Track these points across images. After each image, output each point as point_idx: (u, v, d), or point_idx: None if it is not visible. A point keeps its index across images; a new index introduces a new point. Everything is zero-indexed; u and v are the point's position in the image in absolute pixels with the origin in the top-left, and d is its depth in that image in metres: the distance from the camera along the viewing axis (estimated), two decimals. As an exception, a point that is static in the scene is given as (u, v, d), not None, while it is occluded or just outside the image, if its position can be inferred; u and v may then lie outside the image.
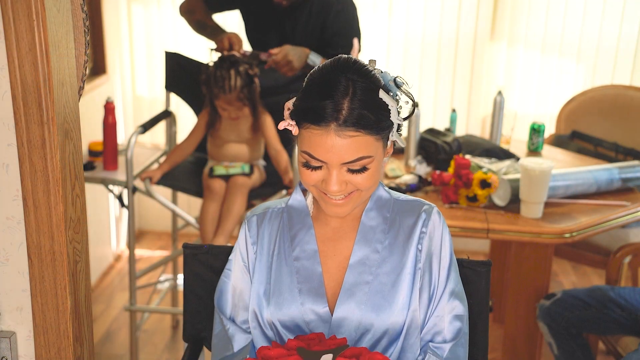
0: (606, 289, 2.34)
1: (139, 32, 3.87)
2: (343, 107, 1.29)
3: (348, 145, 1.29)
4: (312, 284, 1.43)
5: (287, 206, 1.50)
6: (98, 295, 3.52)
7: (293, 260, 1.46)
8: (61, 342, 1.45)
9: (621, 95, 3.29)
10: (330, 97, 1.29)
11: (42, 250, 1.39)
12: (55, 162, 1.35)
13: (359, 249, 1.44)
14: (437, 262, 1.45)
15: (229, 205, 2.69)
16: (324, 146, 1.30)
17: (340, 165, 1.32)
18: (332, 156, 1.30)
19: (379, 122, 1.31)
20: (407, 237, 1.45)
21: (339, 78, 1.31)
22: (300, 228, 1.47)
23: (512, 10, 3.65)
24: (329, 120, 1.28)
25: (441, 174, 2.41)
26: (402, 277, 1.42)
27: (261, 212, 1.51)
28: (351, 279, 1.42)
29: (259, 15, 2.86)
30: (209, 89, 2.69)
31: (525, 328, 2.56)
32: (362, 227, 1.45)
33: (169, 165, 2.80)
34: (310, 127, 1.31)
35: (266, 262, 1.48)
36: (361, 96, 1.30)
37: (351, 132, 1.29)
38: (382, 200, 1.47)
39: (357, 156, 1.31)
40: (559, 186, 2.42)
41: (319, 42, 2.78)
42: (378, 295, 1.41)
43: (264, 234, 1.49)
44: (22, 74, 1.30)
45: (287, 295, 1.43)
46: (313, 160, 1.33)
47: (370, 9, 3.70)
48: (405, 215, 1.47)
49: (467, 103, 3.81)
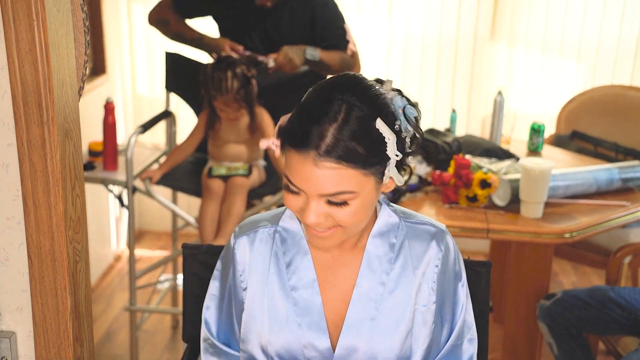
0: (606, 289, 2.34)
1: (139, 32, 3.86)
2: (327, 134, 1.15)
3: (326, 178, 1.16)
4: (313, 318, 1.32)
5: (280, 227, 1.36)
6: (98, 295, 3.52)
7: (290, 291, 1.33)
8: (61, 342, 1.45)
9: (621, 95, 3.29)
10: (316, 121, 1.16)
11: (42, 250, 1.39)
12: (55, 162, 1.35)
13: (363, 281, 1.32)
14: (452, 294, 1.38)
15: (228, 207, 2.69)
16: (301, 174, 1.18)
17: (318, 196, 1.19)
18: (308, 186, 1.18)
19: (370, 157, 1.17)
20: (416, 265, 1.34)
21: (333, 100, 1.16)
22: (295, 253, 1.34)
23: (512, 10, 3.65)
24: (309, 148, 1.15)
25: (441, 174, 2.41)
26: (408, 312, 1.32)
27: (251, 232, 1.37)
28: (354, 314, 1.32)
29: (236, 19, 2.82)
30: (207, 90, 2.69)
31: (525, 328, 2.55)
32: (367, 255, 1.33)
33: (169, 166, 2.80)
34: (291, 151, 1.19)
35: (259, 290, 1.34)
36: (353, 125, 1.15)
37: (331, 163, 1.15)
38: (389, 225, 1.34)
39: (336, 190, 1.17)
40: (559, 186, 2.42)
41: (311, 36, 2.77)
42: (383, 331, 1.31)
43: (256, 257, 1.36)
44: (22, 74, 1.30)
45: (285, 330, 1.32)
46: (292, 186, 1.21)
47: (370, 9, 3.69)
48: (414, 240, 1.35)
49: (467, 103, 3.81)
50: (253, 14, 2.78)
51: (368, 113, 1.17)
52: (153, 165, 3.01)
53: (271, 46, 2.76)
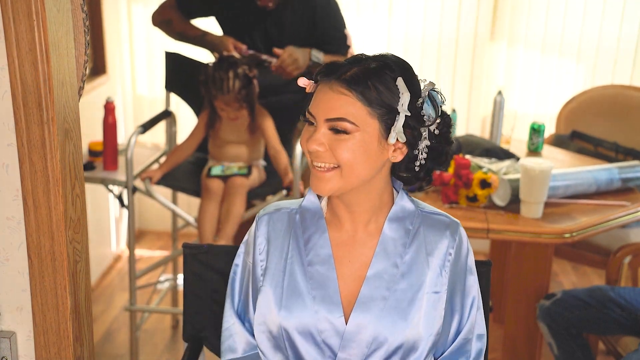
0: (606, 289, 2.34)
1: (139, 32, 3.86)
2: (352, 69, 1.28)
3: (334, 100, 1.28)
4: (327, 292, 1.37)
5: (301, 207, 1.43)
6: (98, 295, 3.52)
7: (307, 266, 1.39)
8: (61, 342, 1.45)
9: (621, 95, 3.29)
10: (351, 61, 1.31)
11: (42, 250, 1.39)
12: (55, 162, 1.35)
13: (378, 261, 1.37)
14: (463, 287, 1.41)
15: (228, 207, 2.69)
16: (317, 99, 1.30)
17: (324, 122, 1.29)
18: (318, 110, 1.30)
19: (379, 99, 1.27)
20: (430, 252, 1.38)
21: (375, 56, 1.31)
22: (314, 231, 1.41)
23: (512, 10, 3.65)
24: (333, 76, 1.29)
25: (441, 174, 2.41)
26: (419, 296, 1.35)
27: (273, 211, 1.45)
28: (367, 292, 1.36)
29: (238, 20, 2.82)
30: (208, 89, 2.69)
31: (525, 328, 2.55)
32: (383, 238, 1.38)
33: (170, 166, 2.80)
34: (319, 83, 1.32)
35: (279, 265, 1.40)
36: (378, 73, 1.28)
37: (342, 88, 1.27)
38: (406, 211, 1.40)
39: (339, 115, 1.27)
40: (559, 186, 2.42)
41: (311, 39, 2.77)
42: (394, 312, 1.35)
43: (276, 235, 1.42)
44: (22, 74, 1.30)
45: (300, 302, 1.37)
46: (308, 115, 1.32)
47: (370, 9, 3.69)
48: (430, 229, 1.40)
49: (467, 103, 3.81)
50: (254, 14, 2.78)
51: (396, 72, 1.29)
52: (153, 165, 3.01)
53: (271, 47, 2.76)
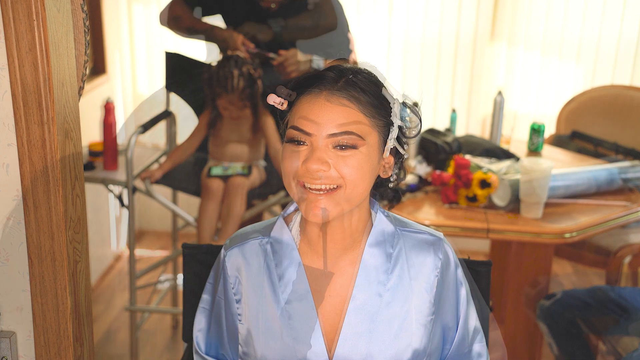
0: (606, 289, 2.34)
1: (139, 32, 3.87)
2: (343, 77, 1.22)
3: (337, 113, 1.19)
4: (308, 332, 1.28)
5: (271, 238, 1.34)
6: (98, 295, 3.52)
7: (284, 304, 1.29)
8: (61, 342, 1.45)
9: (621, 95, 3.29)
10: (336, 69, 1.24)
11: (42, 250, 1.39)
12: (55, 162, 1.35)
13: (359, 293, 1.29)
14: (455, 302, 1.36)
15: (228, 208, 2.69)
16: (312, 114, 1.19)
17: (326, 138, 1.19)
18: (318, 126, 1.19)
19: (378, 109, 1.22)
20: (413, 276, 1.31)
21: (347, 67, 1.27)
22: (288, 264, 1.31)
23: (512, 10, 3.65)
24: (324, 86, 1.21)
25: (441, 174, 2.41)
26: (406, 325, 1.29)
27: (242, 244, 1.35)
28: (350, 327, 1.28)
29: (241, 20, 2.83)
30: (211, 88, 2.69)
31: (525, 328, 2.55)
32: (364, 266, 1.30)
33: (170, 165, 2.80)
34: (301, 99, 1.22)
35: (254, 304, 1.31)
36: (365, 78, 1.23)
37: (343, 99, 1.19)
38: (385, 234, 1.32)
39: (345, 129, 1.18)
40: (559, 186, 2.42)
41: (314, 41, 2.78)
42: (380, 343, 1.28)
43: (249, 270, 1.33)
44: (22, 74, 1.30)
45: (280, 344, 1.28)
46: (299, 134, 1.20)
47: (370, 9, 3.70)
48: (412, 250, 1.32)
49: (467, 103, 3.81)
50: (257, 16, 2.79)
51: (379, 82, 1.25)
52: (153, 165, 3.01)
53: (274, 47, 2.77)
